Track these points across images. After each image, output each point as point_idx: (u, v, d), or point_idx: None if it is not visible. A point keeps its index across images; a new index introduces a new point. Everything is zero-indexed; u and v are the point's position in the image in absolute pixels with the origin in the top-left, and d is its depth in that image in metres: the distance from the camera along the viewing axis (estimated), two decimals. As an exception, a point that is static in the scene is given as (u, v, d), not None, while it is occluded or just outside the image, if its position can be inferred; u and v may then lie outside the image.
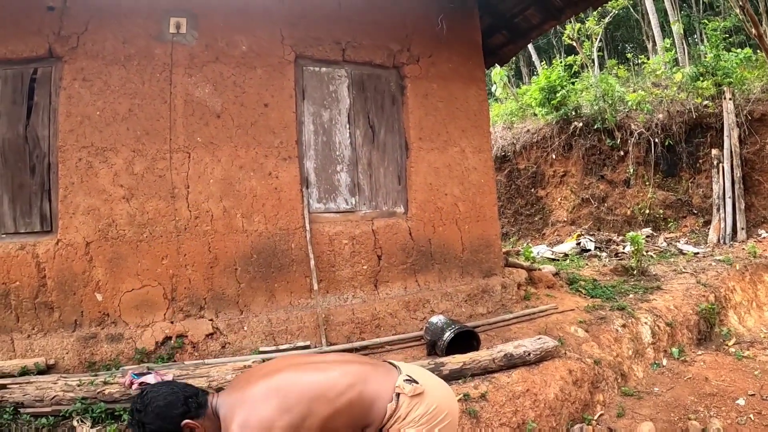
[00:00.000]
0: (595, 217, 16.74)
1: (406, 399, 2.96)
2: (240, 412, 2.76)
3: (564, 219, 17.44)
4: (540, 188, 18.51)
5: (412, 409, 2.95)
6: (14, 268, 5.94)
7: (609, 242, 14.87)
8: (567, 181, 17.71)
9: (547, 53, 30.29)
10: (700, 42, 22.76)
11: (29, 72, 6.35)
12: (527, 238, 17.97)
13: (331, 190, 7.42)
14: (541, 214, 18.35)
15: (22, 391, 5.03)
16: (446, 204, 8.01)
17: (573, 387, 6.07)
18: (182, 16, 6.70)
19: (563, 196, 17.73)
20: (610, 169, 16.78)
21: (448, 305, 7.62)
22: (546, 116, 18.20)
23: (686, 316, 8.38)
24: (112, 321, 6.17)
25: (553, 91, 17.78)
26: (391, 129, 7.90)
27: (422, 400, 2.98)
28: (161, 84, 6.57)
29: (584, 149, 17.09)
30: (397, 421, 2.95)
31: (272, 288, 6.83)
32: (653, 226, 15.55)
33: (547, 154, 18.10)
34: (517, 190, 18.96)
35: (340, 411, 2.87)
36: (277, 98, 7.05)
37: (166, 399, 2.80)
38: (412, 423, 2.95)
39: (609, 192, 16.72)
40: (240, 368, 5.52)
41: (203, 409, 2.86)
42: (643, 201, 15.84)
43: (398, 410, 2.94)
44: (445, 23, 8.07)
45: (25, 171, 6.25)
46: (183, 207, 6.51)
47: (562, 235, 16.73)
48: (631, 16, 27.13)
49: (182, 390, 2.89)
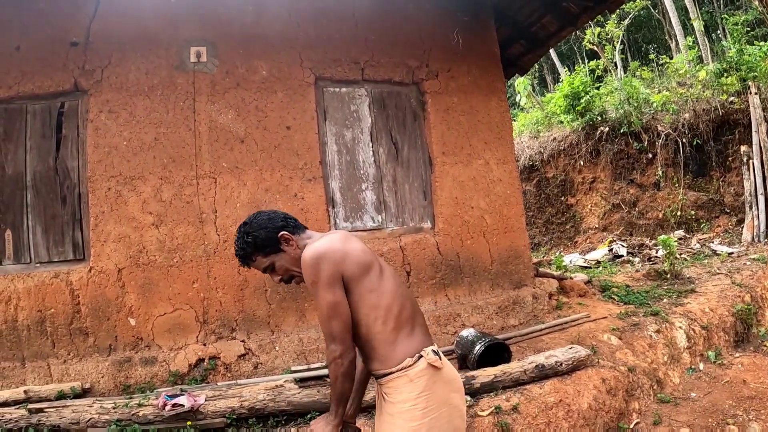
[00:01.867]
0: (626, 222, 16.50)
1: (423, 365, 3.00)
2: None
3: (595, 226, 17.22)
4: (569, 196, 18.30)
5: (419, 379, 2.98)
6: (49, 295, 6.08)
7: (641, 247, 14.61)
8: (596, 187, 17.48)
9: (570, 59, 29.99)
10: (722, 38, 22.48)
11: (56, 106, 6.53)
12: (559, 247, 17.77)
13: (357, 209, 7.45)
14: (572, 222, 18.15)
15: (59, 415, 5.12)
16: (473, 217, 7.99)
17: (607, 396, 5.96)
18: (202, 45, 6.84)
19: (593, 202, 17.50)
20: (639, 173, 16.56)
21: (479, 318, 7.57)
22: (571, 123, 18.03)
23: (722, 318, 8.21)
24: (146, 345, 6.27)
25: (577, 97, 17.62)
26: (414, 145, 7.92)
27: (433, 378, 3.01)
28: (185, 112, 6.70)
29: (612, 154, 16.88)
30: (401, 379, 3.00)
31: (302, 308, 6.88)
32: (686, 228, 15.27)
33: (575, 161, 17.91)
34: (547, 199, 18.77)
35: (382, 301, 3.08)
36: (299, 120, 7.13)
37: (268, 215, 3.26)
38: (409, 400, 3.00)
39: (639, 196, 16.49)
40: (272, 387, 5.57)
41: (299, 231, 3.28)
42: (674, 203, 15.58)
43: (410, 369, 2.98)
44: (461, 37, 8.12)
45: (57, 202, 6.41)
46: (211, 231, 6.60)
47: (594, 242, 16.48)
48: (652, 17, 26.82)
49: (283, 213, 3.33)
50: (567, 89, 17.99)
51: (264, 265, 3.21)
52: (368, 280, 3.09)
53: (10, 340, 6.02)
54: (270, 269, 3.23)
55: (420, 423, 2.96)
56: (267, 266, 3.21)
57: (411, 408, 2.98)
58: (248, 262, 3.24)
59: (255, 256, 3.20)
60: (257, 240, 3.16)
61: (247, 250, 3.18)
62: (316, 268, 2.97)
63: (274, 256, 3.19)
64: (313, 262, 2.98)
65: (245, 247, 3.18)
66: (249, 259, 3.22)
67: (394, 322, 3.07)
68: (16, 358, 6.02)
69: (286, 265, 3.20)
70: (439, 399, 3.03)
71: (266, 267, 3.22)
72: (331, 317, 2.95)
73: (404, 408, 3.00)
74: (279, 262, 3.20)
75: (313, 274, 2.98)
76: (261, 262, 3.21)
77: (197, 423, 5.11)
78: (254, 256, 3.20)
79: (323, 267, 2.97)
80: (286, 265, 3.20)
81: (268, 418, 5.31)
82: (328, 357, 2.98)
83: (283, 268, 3.21)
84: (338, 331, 2.95)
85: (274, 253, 3.18)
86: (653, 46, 29.31)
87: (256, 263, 3.22)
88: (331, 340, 2.96)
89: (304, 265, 3.02)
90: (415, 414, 2.97)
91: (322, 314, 2.99)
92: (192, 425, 5.07)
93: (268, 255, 3.19)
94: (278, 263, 3.20)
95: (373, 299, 3.06)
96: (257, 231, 3.17)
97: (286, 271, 3.21)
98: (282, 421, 5.32)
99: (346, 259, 3.04)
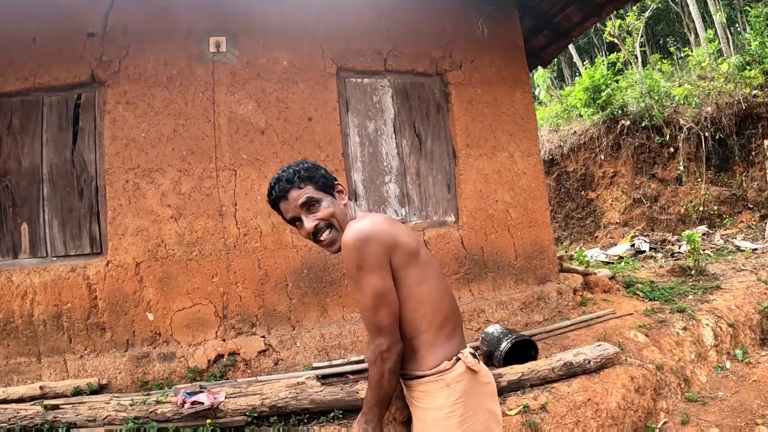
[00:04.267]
0: (648, 217, 16.30)
1: (461, 368, 2.78)
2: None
3: (616, 221, 17.03)
4: (590, 190, 18.11)
5: (457, 384, 2.76)
6: (66, 290, 6.00)
7: (664, 242, 14.45)
8: (617, 181, 17.28)
9: (587, 53, 29.94)
10: (742, 31, 22.27)
11: (73, 98, 6.47)
12: (579, 242, 17.62)
13: (380, 202, 7.35)
14: (593, 216, 17.95)
15: (75, 412, 5.02)
16: (497, 211, 7.87)
17: (635, 395, 5.84)
18: (221, 36, 6.74)
19: (614, 197, 17.31)
20: (661, 167, 16.37)
21: (503, 314, 7.44)
22: (592, 117, 17.92)
23: (748, 315, 8.07)
24: (164, 340, 6.19)
25: (597, 90, 17.57)
26: (438, 137, 7.81)
27: (471, 382, 2.80)
28: (204, 103, 6.61)
29: (633, 148, 16.68)
30: (437, 384, 2.78)
31: (324, 303, 6.77)
32: (708, 224, 15.08)
33: (596, 155, 17.72)
34: (567, 194, 18.61)
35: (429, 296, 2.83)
36: (321, 112, 7.03)
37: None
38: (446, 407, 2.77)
39: (661, 191, 16.29)
40: (293, 384, 5.44)
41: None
42: (697, 198, 15.38)
43: (447, 373, 2.76)
44: (485, 27, 7.99)
45: (74, 195, 6.34)
46: (231, 225, 6.51)
47: (615, 237, 16.29)
48: (671, 9, 26.63)
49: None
50: (587, 82, 17.95)
51: (311, 197, 2.86)
52: (416, 270, 2.82)
53: (25, 335, 5.96)
54: (313, 205, 2.86)
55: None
56: (312, 201, 2.86)
57: (448, 416, 2.75)
58: (291, 188, 2.87)
59: (305, 185, 2.85)
60: (316, 172, 2.91)
61: (302, 175, 2.86)
62: (361, 251, 2.67)
63: (325, 195, 2.89)
64: (358, 243, 2.68)
65: (298, 172, 2.87)
66: (295, 186, 2.86)
67: (440, 321, 2.84)
68: (32, 354, 5.96)
69: (334, 210, 2.88)
70: (476, 405, 2.82)
71: (310, 202, 2.85)
72: (378, 306, 2.68)
73: (439, 416, 2.78)
74: (326, 202, 2.88)
75: (358, 257, 2.68)
76: (306, 194, 2.85)
77: (217, 421, 4.98)
78: (304, 184, 2.85)
79: (370, 249, 2.68)
80: (335, 210, 2.89)
81: (289, 417, 5.18)
82: (373, 352, 2.70)
83: (329, 211, 2.86)
84: (387, 322, 2.69)
85: (326, 192, 2.91)
86: (671, 39, 29.18)
87: (300, 192, 2.85)
88: (377, 332, 2.69)
89: (347, 247, 2.71)
90: (452, 423, 2.75)
91: (366, 304, 2.71)
92: (211, 423, 4.95)
93: (319, 191, 2.88)
94: (326, 202, 2.87)
95: (419, 293, 2.80)
96: (316, 168, 2.94)
97: (331, 215, 2.87)
98: (304, 419, 5.19)
99: (395, 244, 2.76)
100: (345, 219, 2.91)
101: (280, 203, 2.91)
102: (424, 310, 2.80)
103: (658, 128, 16.25)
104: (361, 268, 2.68)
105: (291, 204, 2.87)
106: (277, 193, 2.89)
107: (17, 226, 6.24)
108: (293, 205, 2.86)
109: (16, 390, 5.56)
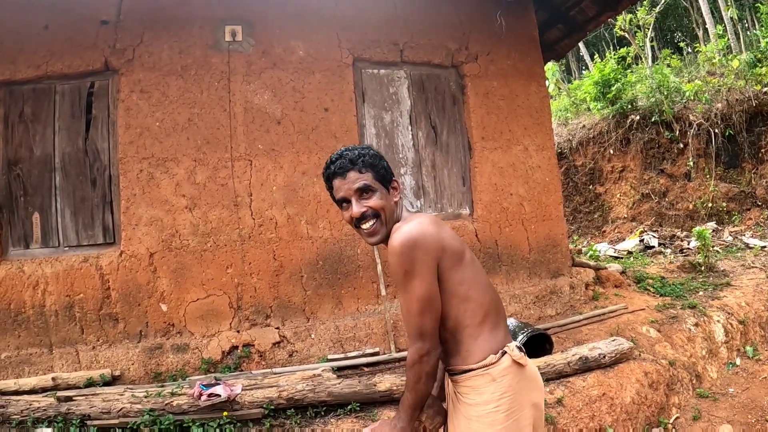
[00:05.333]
0: (656, 212, 16.25)
1: (507, 362, 2.76)
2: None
3: (624, 215, 16.97)
4: (598, 185, 18.03)
5: (503, 378, 2.74)
6: (78, 280, 5.95)
7: (673, 238, 14.47)
8: (626, 176, 17.22)
9: (595, 47, 29.89)
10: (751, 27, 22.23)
11: (86, 86, 6.42)
12: (587, 236, 17.56)
13: (396, 194, 7.23)
14: (601, 211, 17.89)
15: (89, 403, 4.96)
16: (512, 204, 7.82)
17: (649, 390, 5.87)
18: (237, 24, 6.70)
19: (622, 192, 17.24)
20: (670, 163, 16.32)
21: (516, 307, 7.41)
22: (601, 111, 17.89)
23: (758, 312, 8.11)
24: (178, 331, 6.14)
25: (607, 84, 17.53)
26: (453, 129, 7.76)
27: (517, 376, 2.77)
28: (220, 92, 6.56)
29: (642, 143, 16.63)
30: (483, 378, 2.75)
31: (339, 295, 6.72)
32: (717, 220, 15.04)
33: (604, 150, 17.65)
34: (575, 188, 18.52)
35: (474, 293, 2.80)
36: (337, 102, 6.98)
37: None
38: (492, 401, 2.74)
39: (669, 186, 16.24)
40: (309, 377, 5.41)
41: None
42: (705, 194, 15.34)
43: (493, 367, 2.73)
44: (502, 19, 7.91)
45: (87, 184, 6.28)
46: (246, 215, 6.46)
47: (623, 232, 16.23)
48: (679, 4, 26.54)
49: None
50: (597, 76, 17.90)
51: (368, 184, 2.82)
52: (461, 269, 2.80)
53: (37, 326, 5.91)
54: (367, 193, 2.82)
55: (503, 427, 2.72)
56: (368, 188, 2.82)
57: (494, 410, 2.73)
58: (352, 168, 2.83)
59: (366, 170, 2.82)
60: (379, 162, 2.88)
61: (366, 160, 2.83)
62: (410, 256, 2.65)
63: (381, 187, 2.85)
64: (406, 248, 2.65)
65: (363, 156, 2.84)
66: (356, 168, 2.83)
67: (483, 315, 2.81)
68: (43, 345, 5.91)
69: (385, 204, 2.83)
70: (522, 399, 2.79)
71: (366, 188, 2.82)
72: (423, 312, 2.65)
73: (485, 410, 2.74)
74: (380, 194, 2.83)
75: (407, 262, 2.65)
76: (364, 180, 2.81)
77: (233, 414, 4.93)
78: (365, 170, 2.82)
79: (419, 255, 2.65)
80: (386, 204, 2.84)
81: (306, 409, 5.13)
82: (413, 355, 2.68)
83: (381, 203, 2.81)
84: (429, 326, 2.66)
85: (383, 185, 2.86)
86: (679, 35, 29.13)
87: (360, 176, 2.81)
88: (418, 337, 2.67)
89: (395, 252, 2.68)
90: (498, 417, 2.72)
91: (411, 308, 2.67)
92: (228, 416, 4.89)
93: (377, 181, 2.84)
94: (380, 194, 2.82)
95: (464, 290, 2.77)
96: (380, 158, 2.91)
97: (381, 207, 2.83)
98: (321, 412, 5.14)
99: (442, 248, 2.73)
100: (393, 216, 2.88)
101: (336, 179, 2.87)
102: (467, 306, 2.78)
103: (667, 124, 16.19)
104: (409, 273, 2.65)
105: (347, 184, 2.83)
106: (336, 168, 2.85)
107: (29, 216, 6.18)
108: (348, 186, 2.83)
109: (27, 381, 5.52)
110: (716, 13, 22.50)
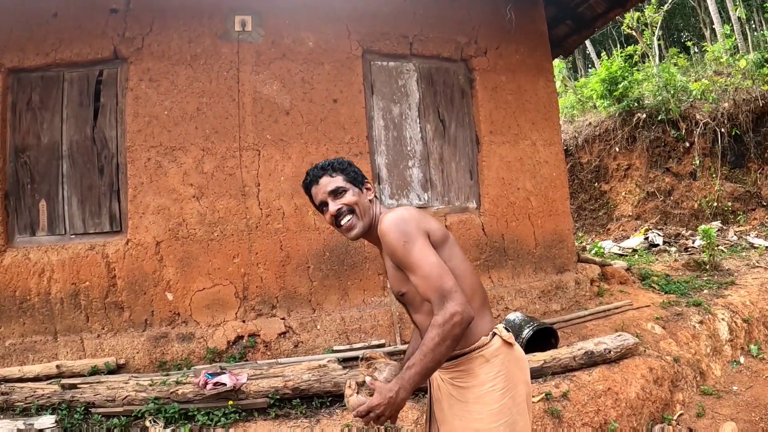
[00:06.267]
0: (661, 211, 16.21)
1: (498, 342, 2.84)
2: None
3: (629, 213, 16.94)
4: (603, 182, 18.00)
5: (495, 358, 2.81)
6: (84, 268, 5.95)
7: (678, 236, 14.44)
8: (631, 174, 17.18)
9: (602, 44, 29.94)
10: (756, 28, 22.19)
11: (95, 74, 6.41)
12: (591, 233, 17.53)
13: (403, 186, 7.28)
14: (605, 208, 17.86)
15: (94, 391, 4.98)
16: (519, 198, 7.81)
17: (654, 386, 5.89)
18: (247, 14, 6.68)
19: (628, 190, 17.19)
20: (676, 162, 16.27)
21: (521, 302, 7.40)
22: (607, 108, 17.86)
23: (762, 311, 8.13)
24: (183, 320, 6.13)
25: (614, 82, 17.48)
26: (462, 123, 7.73)
27: (508, 356, 2.86)
28: (229, 82, 6.55)
29: (648, 141, 16.58)
30: (477, 360, 2.81)
31: (345, 286, 6.72)
32: (722, 220, 15.00)
33: (610, 147, 17.59)
34: (580, 185, 18.49)
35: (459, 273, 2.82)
36: (346, 94, 6.97)
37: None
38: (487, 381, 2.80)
39: (675, 185, 16.20)
40: (315, 368, 5.40)
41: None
42: (711, 194, 15.31)
43: (486, 348, 2.81)
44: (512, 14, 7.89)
45: (94, 172, 6.28)
46: (254, 205, 6.45)
47: (628, 230, 16.25)
48: (686, 3, 26.54)
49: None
50: (604, 74, 17.87)
51: (339, 186, 3.02)
52: (447, 249, 2.89)
53: (42, 314, 5.92)
54: (340, 193, 3.02)
55: (500, 405, 2.75)
56: (340, 189, 3.02)
57: (490, 390, 2.77)
58: (324, 174, 3.06)
59: (337, 174, 3.06)
60: (348, 167, 3.09)
61: (335, 166, 3.07)
62: (404, 228, 2.75)
63: (353, 186, 3.05)
64: (399, 223, 2.77)
65: (332, 164, 3.08)
66: (327, 174, 3.06)
67: (471, 293, 2.85)
68: (48, 332, 5.92)
69: (358, 200, 3.03)
70: (515, 377, 2.85)
71: (338, 190, 3.02)
72: (441, 273, 2.63)
73: (482, 391, 2.78)
74: (353, 192, 3.03)
75: (403, 233, 2.74)
76: (335, 183, 3.03)
77: (239, 403, 4.94)
78: (336, 174, 3.06)
79: (411, 226, 2.76)
80: (359, 200, 3.03)
81: (311, 399, 5.15)
82: (444, 317, 2.54)
83: (353, 201, 3.01)
84: (451, 282, 2.60)
85: (354, 185, 3.06)
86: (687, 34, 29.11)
87: (331, 180, 3.04)
88: (446, 296, 2.58)
89: (388, 230, 2.78)
90: (494, 396, 2.76)
91: (424, 272, 2.66)
92: (234, 405, 4.89)
93: (348, 182, 3.05)
94: (352, 192, 3.03)
95: (452, 266, 2.78)
96: (350, 164, 3.12)
97: (354, 203, 3.01)
98: (327, 402, 5.15)
99: (427, 228, 2.84)
100: (368, 212, 3.05)
101: (312, 187, 3.09)
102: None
103: (674, 122, 16.16)
104: (409, 243, 2.72)
105: (321, 189, 3.04)
106: (311, 177, 3.09)
107: (35, 203, 6.18)
108: (323, 190, 3.03)
109: (32, 368, 5.53)
110: (724, 12, 22.50)
